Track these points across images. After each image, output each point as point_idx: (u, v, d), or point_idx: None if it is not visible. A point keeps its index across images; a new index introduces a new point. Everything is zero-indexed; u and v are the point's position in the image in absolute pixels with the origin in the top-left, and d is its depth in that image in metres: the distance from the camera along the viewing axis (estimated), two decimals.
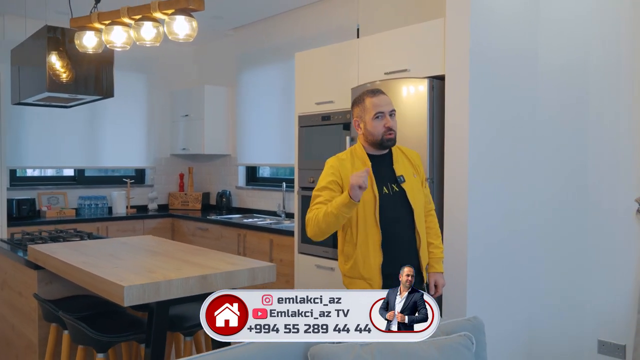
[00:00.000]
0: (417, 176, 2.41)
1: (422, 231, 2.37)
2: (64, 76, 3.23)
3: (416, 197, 2.35)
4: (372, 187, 2.28)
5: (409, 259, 2.31)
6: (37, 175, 5.67)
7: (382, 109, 2.30)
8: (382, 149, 2.35)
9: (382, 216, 2.27)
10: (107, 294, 2.04)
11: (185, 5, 2.33)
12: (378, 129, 2.31)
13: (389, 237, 2.28)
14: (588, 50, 3.13)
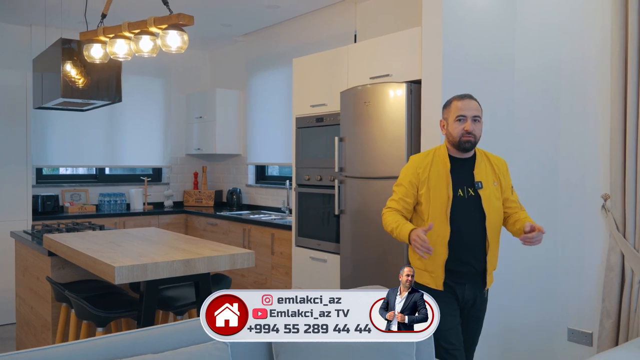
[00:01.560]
0: (498, 184, 2.44)
1: (493, 238, 2.40)
2: (78, 83, 3.58)
3: (492, 204, 2.38)
4: (448, 187, 2.36)
5: (475, 261, 2.39)
6: (61, 173, 6.08)
7: (465, 112, 2.36)
8: (461, 151, 2.40)
9: (454, 217, 2.34)
10: (102, 274, 2.35)
11: (177, 21, 2.63)
12: (457, 130, 2.36)
13: (458, 236, 2.34)
14: (560, 56, 3.31)
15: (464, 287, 2.42)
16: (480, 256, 2.39)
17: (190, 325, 1.91)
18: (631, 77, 2.83)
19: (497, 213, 2.42)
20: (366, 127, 3.54)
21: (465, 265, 2.39)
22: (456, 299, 2.42)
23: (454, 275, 2.39)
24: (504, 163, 2.54)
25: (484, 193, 2.38)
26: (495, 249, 2.43)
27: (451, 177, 2.37)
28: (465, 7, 3.22)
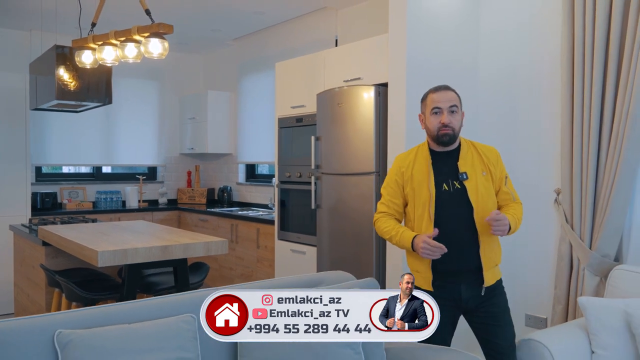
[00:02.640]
0: (488, 174, 2.31)
1: (485, 230, 2.24)
2: (71, 86, 3.85)
3: (481, 195, 2.26)
4: (429, 183, 2.27)
5: (466, 258, 2.26)
6: (60, 172, 6.35)
7: (440, 104, 2.27)
8: (440, 144, 2.30)
9: (440, 213, 2.24)
10: (88, 259, 2.61)
11: (157, 29, 2.88)
12: (434, 124, 2.27)
13: (445, 234, 2.21)
14: (520, 61, 3.55)
15: (459, 287, 2.29)
16: (472, 252, 2.26)
17: (161, 301, 2.16)
18: (577, 82, 3.06)
19: (488, 204, 2.28)
20: (340, 126, 3.79)
21: (456, 263, 2.26)
22: (452, 300, 2.30)
23: (446, 275, 2.28)
24: (494, 152, 2.39)
25: (470, 184, 2.26)
26: (490, 242, 2.29)
27: (434, 171, 2.29)
28: (429, 14, 3.46)
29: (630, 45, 2.82)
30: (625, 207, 2.92)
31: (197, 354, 2.02)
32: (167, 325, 2.02)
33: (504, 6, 3.61)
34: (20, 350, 1.76)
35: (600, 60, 2.95)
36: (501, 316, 2.36)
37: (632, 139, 2.82)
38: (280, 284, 2.46)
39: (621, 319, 2.46)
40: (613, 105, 2.93)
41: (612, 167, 2.90)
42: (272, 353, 2.09)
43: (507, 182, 2.38)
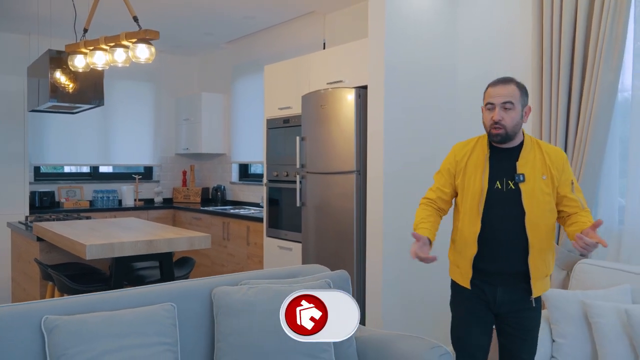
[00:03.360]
0: (548, 178, 2.13)
1: (538, 238, 2.12)
2: (67, 88, 4.02)
3: (536, 200, 2.11)
4: (482, 178, 2.16)
5: (510, 262, 2.15)
6: (58, 171, 6.52)
7: (493, 100, 2.13)
8: (495, 143, 2.19)
9: (488, 211, 2.14)
10: (77, 252, 2.77)
11: (144, 36, 3.04)
12: (486, 120, 2.17)
13: (491, 232, 2.14)
14: (495, 65, 3.69)
15: (495, 289, 2.18)
16: (518, 257, 2.13)
17: (143, 290, 2.31)
18: (545, 86, 3.20)
19: (544, 210, 2.13)
20: (323, 127, 3.95)
21: (497, 264, 2.17)
22: (485, 302, 2.22)
23: (484, 274, 2.19)
24: (561, 155, 2.19)
25: (525, 187, 2.11)
26: (542, 251, 2.14)
27: (490, 167, 2.16)
28: (407, 21, 3.61)
29: (592, 53, 2.96)
30: (589, 205, 3.06)
31: (176, 339, 2.18)
32: (148, 312, 2.17)
33: (480, 15, 3.76)
34: (9, 334, 1.91)
35: (566, 66, 3.10)
36: (532, 331, 2.27)
37: (595, 140, 2.96)
38: (259, 276, 2.60)
39: (579, 309, 2.61)
40: (578, 108, 3.08)
41: (577, 167, 3.05)
42: (245, 339, 2.24)
43: (575, 188, 2.18)
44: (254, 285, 2.41)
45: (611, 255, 3.05)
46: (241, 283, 2.44)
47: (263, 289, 2.37)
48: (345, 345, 2.43)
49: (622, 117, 3.04)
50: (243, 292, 2.36)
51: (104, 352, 1.98)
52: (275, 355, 2.22)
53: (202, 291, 2.39)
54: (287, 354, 2.23)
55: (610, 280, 2.74)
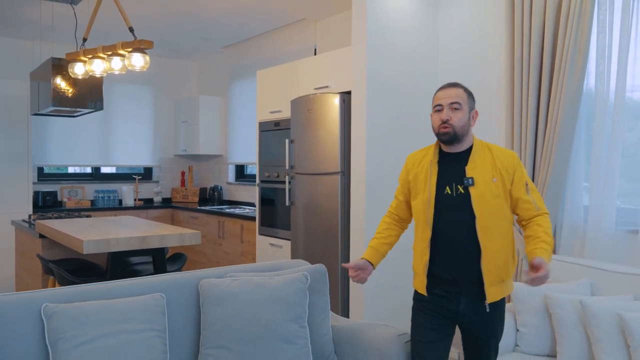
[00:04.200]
0: (499, 180, 2.10)
1: (490, 242, 2.08)
2: (67, 93, 4.24)
3: (487, 203, 2.08)
4: (430, 184, 2.16)
5: (465, 269, 2.12)
6: (61, 172, 6.74)
7: (441, 101, 2.13)
8: (442, 143, 2.17)
9: (439, 217, 2.13)
10: (75, 247, 2.98)
11: (139, 45, 3.25)
12: (435, 122, 2.15)
13: (442, 239, 2.13)
14: (472, 72, 3.90)
15: (458, 298, 2.14)
16: (472, 263, 2.10)
17: (135, 281, 2.51)
18: (516, 94, 3.40)
19: (496, 213, 2.09)
20: (310, 130, 4.15)
21: (453, 271, 2.14)
22: (448, 312, 2.18)
23: (444, 283, 2.16)
24: (512, 157, 2.16)
25: (475, 191, 2.09)
26: (496, 255, 2.09)
27: (439, 173, 2.16)
28: (388, 31, 3.80)
29: (558, 64, 3.16)
30: (556, 205, 3.25)
31: (165, 326, 2.38)
32: (139, 301, 2.38)
33: (459, 25, 3.95)
34: (12, 320, 2.11)
35: (535, 76, 3.29)
36: (493, 340, 2.23)
37: (561, 145, 3.16)
38: (243, 269, 2.80)
39: (541, 301, 2.81)
40: (546, 117, 3.27)
41: (545, 168, 3.24)
42: (228, 326, 2.44)
43: (529, 189, 2.15)
44: (237, 278, 2.61)
45: (576, 251, 3.25)
46: (226, 276, 2.65)
47: (245, 281, 2.57)
48: (321, 333, 2.64)
49: (587, 123, 3.23)
50: (227, 283, 2.57)
51: (97, 337, 2.18)
52: (256, 341, 2.42)
53: (189, 283, 2.59)
54: (266, 339, 2.43)
55: (573, 275, 2.93)
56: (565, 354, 2.61)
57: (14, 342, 2.07)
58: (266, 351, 2.41)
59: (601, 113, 3.09)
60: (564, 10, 3.14)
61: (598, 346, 2.47)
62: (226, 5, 4.82)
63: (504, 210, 2.12)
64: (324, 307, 2.70)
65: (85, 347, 2.14)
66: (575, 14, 3.08)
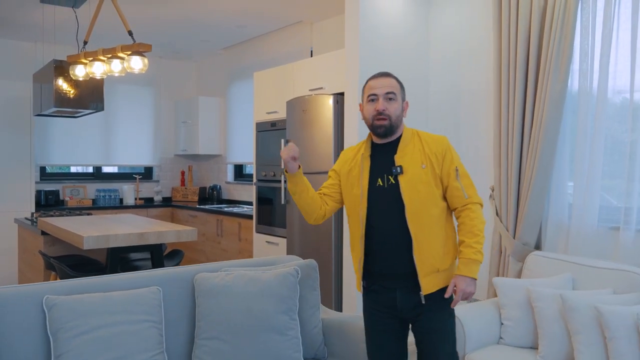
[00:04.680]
0: (428, 167, 2.04)
1: (421, 230, 2.02)
2: (69, 94, 4.36)
3: (415, 190, 2.02)
4: (362, 177, 2.10)
5: (400, 262, 2.06)
6: (63, 172, 6.86)
7: (376, 91, 2.06)
8: (376, 136, 2.11)
9: (372, 210, 2.07)
10: (76, 242, 3.10)
11: (138, 48, 3.36)
12: (369, 112, 2.08)
13: (376, 232, 2.07)
14: (463, 76, 4.00)
15: (394, 293, 2.10)
16: (405, 254, 2.04)
17: (133, 275, 2.62)
18: (503, 99, 3.50)
19: (426, 200, 2.03)
20: (305, 130, 4.26)
21: (390, 266, 2.08)
22: (388, 308, 2.13)
23: (381, 278, 2.11)
24: (442, 142, 2.10)
25: (404, 179, 2.03)
26: (429, 244, 2.03)
27: (372, 166, 2.10)
28: (380, 35, 3.91)
29: (544, 66, 3.26)
30: (541, 203, 3.36)
31: (161, 318, 2.48)
32: (137, 294, 2.48)
33: (450, 30, 4.06)
34: (15, 310, 2.22)
35: (521, 79, 3.39)
36: (443, 334, 2.11)
37: (544, 144, 3.26)
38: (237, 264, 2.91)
39: (524, 295, 2.91)
40: (531, 118, 3.37)
41: (530, 168, 3.35)
42: (222, 318, 2.55)
43: (459, 175, 2.09)
44: (230, 272, 2.72)
45: (560, 247, 3.35)
46: (221, 270, 2.75)
47: (239, 275, 2.68)
48: (312, 325, 2.75)
49: (572, 123, 3.33)
50: (221, 277, 2.67)
51: (96, 327, 2.28)
52: (248, 332, 2.53)
53: (185, 277, 2.70)
54: (258, 330, 2.53)
55: (557, 270, 3.04)
56: (546, 345, 2.72)
57: (17, 331, 2.18)
58: (258, 342, 2.52)
59: (584, 113, 3.20)
60: (549, 14, 3.24)
61: (576, 338, 2.57)
62: (224, 8, 4.93)
63: (434, 198, 2.06)
64: (314, 300, 2.80)
65: (84, 337, 2.24)
66: (559, 18, 3.18)
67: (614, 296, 2.67)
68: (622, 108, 3.09)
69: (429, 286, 2.05)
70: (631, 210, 3.00)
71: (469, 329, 2.86)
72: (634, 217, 3.00)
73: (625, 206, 3.02)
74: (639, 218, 3.00)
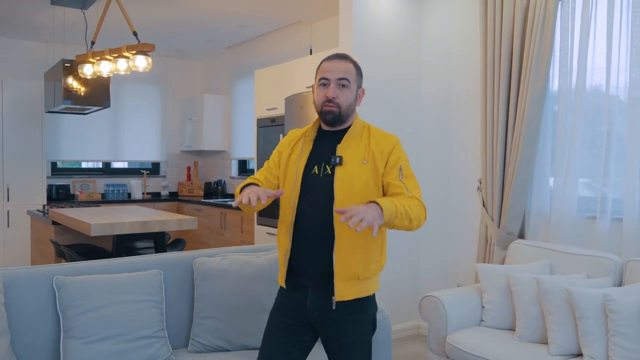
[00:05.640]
0: (369, 163, 1.87)
1: (346, 231, 1.82)
2: (79, 92, 4.58)
3: (349, 185, 1.83)
4: (298, 163, 1.92)
5: (317, 259, 1.87)
6: (73, 167, 7.11)
7: (329, 74, 1.86)
8: (324, 123, 1.92)
9: (303, 199, 1.89)
10: (84, 230, 3.31)
11: (142, 48, 3.57)
12: (319, 97, 1.89)
13: (303, 224, 1.89)
14: (453, 82, 4.17)
15: (305, 292, 1.90)
16: (324, 253, 1.85)
17: (136, 259, 2.83)
18: (489, 98, 3.67)
19: (360, 199, 1.83)
20: (302, 126, 4.45)
21: (307, 262, 1.89)
22: (297, 306, 1.93)
23: (297, 274, 1.91)
24: (391, 140, 1.93)
25: (341, 170, 1.84)
26: (355, 247, 1.84)
27: (313, 152, 1.94)
28: (373, 36, 4.08)
29: (525, 68, 3.44)
30: (524, 194, 3.53)
31: (162, 298, 2.68)
32: (139, 276, 2.68)
33: (442, 34, 4.23)
34: (28, 290, 2.42)
35: (505, 76, 3.57)
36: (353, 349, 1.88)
37: (527, 139, 3.43)
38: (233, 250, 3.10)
39: (504, 280, 3.09)
40: (514, 115, 3.54)
41: (514, 162, 3.52)
42: (219, 299, 2.75)
43: (404, 175, 1.90)
44: (227, 257, 2.92)
45: (542, 236, 3.52)
46: (217, 255, 2.95)
47: (234, 259, 2.88)
48: None
49: (553, 120, 3.49)
50: (218, 261, 2.87)
51: (102, 305, 2.49)
52: (243, 312, 2.72)
53: (185, 261, 2.90)
54: (252, 311, 2.73)
55: (536, 257, 3.21)
56: (523, 326, 2.89)
57: (30, 308, 2.38)
58: (252, 321, 2.72)
59: (563, 110, 3.36)
60: (530, 16, 3.41)
61: (550, 318, 2.75)
62: (227, 9, 5.13)
63: (370, 195, 1.86)
64: None
65: (91, 314, 2.44)
66: (539, 20, 3.35)
67: (587, 280, 2.84)
68: (598, 105, 3.25)
69: (343, 292, 1.84)
70: (607, 200, 3.17)
71: (451, 311, 3.05)
72: (609, 207, 3.17)
73: (602, 197, 3.18)
74: (613, 208, 3.16)
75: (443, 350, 3.03)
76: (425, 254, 4.36)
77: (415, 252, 4.36)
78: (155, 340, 2.53)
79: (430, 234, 4.33)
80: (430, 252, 4.34)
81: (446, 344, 2.99)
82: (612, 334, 2.49)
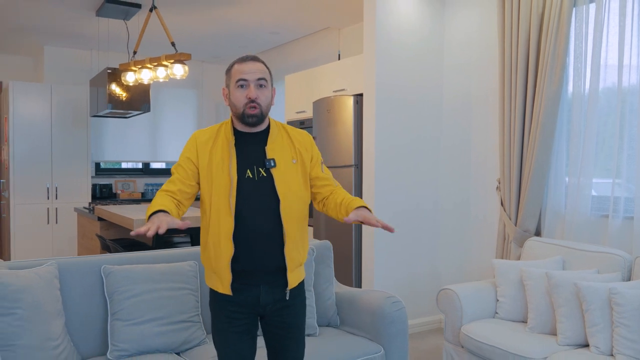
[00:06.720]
0: (298, 161, 1.99)
1: (294, 226, 1.95)
2: (122, 97, 4.93)
3: (290, 185, 1.95)
4: (231, 168, 1.92)
5: (269, 258, 1.95)
6: (115, 167, 7.52)
7: (247, 76, 1.90)
8: (246, 125, 1.94)
9: (242, 204, 1.91)
10: (127, 225, 3.62)
11: (179, 57, 3.86)
12: (240, 99, 1.91)
13: (246, 228, 1.91)
14: (473, 86, 4.33)
15: (258, 289, 1.97)
16: (276, 251, 1.94)
17: (174, 251, 3.10)
18: (507, 102, 3.83)
19: (298, 197, 1.97)
20: (329, 128, 4.68)
21: (256, 262, 1.94)
22: (249, 306, 1.98)
23: (244, 276, 1.96)
24: (307, 136, 2.07)
25: (277, 172, 1.94)
26: (297, 239, 1.98)
27: (237, 155, 1.94)
28: (395, 42, 4.27)
29: (541, 72, 3.58)
30: (540, 194, 3.67)
31: (197, 287, 2.94)
32: (177, 267, 2.95)
33: (463, 39, 4.39)
34: (78, 276, 2.71)
35: (522, 80, 3.72)
36: (296, 329, 2.06)
37: (542, 140, 3.57)
38: None
39: (518, 275, 3.25)
40: (531, 116, 3.69)
41: (530, 162, 3.67)
42: None
43: (324, 167, 2.08)
44: None
45: (557, 233, 3.66)
46: None
47: None
48: (326, 297, 3.16)
49: (568, 122, 3.63)
50: None
51: (144, 292, 2.76)
52: None
53: None
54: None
55: (550, 253, 3.35)
56: (534, 318, 3.05)
57: (81, 293, 2.66)
58: None
59: (577, 112, 3.50)
60: (545, 22, 3.55)
61: (559, 310, 2.90)
62: (259, 17, 5.40)
63: (303, 192, 2.01)
64: (328, 276, 3.22)
65: (134, 299, 2.72)
66: (554, 26, 3.49)
67: (596, 275, 2.97)
68: (611, 107, 3.37)
69: (292, 281, 2.00)
70: (619, 199, 3.29)
71: (466, 303, 3.22)
72: (621, 206, 3.29)
73: (614, 196, 3.30)
74: (625, 207, 3.28)
75: (458, 340, 3.21)
76: (446, 252, 4.53)
77: (436, 249, 4.54)
78: (191, 324, 2.78)
79: (450, 233, 4.50)
80: (450, 250, 4.51)
81: (461, 334, 3.17)
82: (617, 325, 2.63)
